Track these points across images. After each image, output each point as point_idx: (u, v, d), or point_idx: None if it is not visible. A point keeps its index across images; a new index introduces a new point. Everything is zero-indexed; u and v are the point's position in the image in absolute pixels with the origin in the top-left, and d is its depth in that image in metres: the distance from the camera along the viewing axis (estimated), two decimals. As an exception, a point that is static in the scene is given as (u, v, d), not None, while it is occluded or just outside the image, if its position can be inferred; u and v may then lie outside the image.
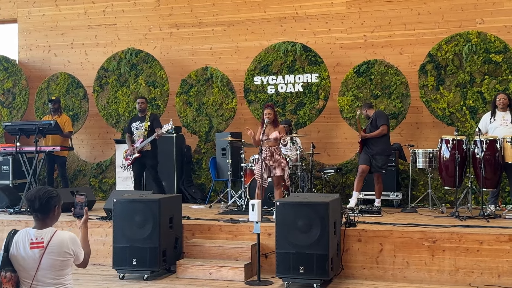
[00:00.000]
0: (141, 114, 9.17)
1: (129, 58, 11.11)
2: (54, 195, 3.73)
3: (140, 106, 9.15)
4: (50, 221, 3.74)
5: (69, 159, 10.92)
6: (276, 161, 7.67)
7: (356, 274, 6.70)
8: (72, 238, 3.72)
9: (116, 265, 6.84)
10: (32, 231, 3.66)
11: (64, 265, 3.68)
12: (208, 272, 6.75)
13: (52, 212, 3.73)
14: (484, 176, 7.56)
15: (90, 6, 11.93)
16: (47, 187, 3.82)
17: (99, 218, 7.90)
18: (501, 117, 8.13)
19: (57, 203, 3.77)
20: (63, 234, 3.70)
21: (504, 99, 8.14)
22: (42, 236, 3.63)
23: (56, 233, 3.67)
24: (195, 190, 10.51)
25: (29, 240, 3.63)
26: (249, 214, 6.46)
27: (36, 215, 3.69)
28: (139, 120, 9.13)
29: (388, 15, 10.23)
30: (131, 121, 9.27)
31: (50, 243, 3.62)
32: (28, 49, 12.41)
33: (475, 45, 9.25)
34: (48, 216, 3.71)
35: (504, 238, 6.29)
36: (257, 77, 10.42)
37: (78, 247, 3.74)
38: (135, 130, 9.09)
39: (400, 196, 9.17)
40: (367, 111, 8.67)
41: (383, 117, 8.44)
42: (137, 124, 9.09)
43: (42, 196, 3.66)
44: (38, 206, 3.66)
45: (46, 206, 3.68)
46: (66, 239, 3.68)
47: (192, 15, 11.32)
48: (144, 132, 8.99)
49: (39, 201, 3.65)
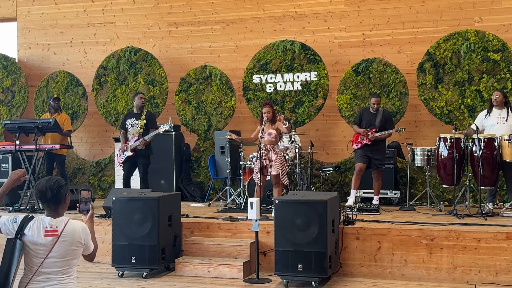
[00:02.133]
0: (137, 110, 8.86)
1: (128, 57, 11.13)
2: (63, 184, 3.79)
3: (142, 102, 8.86)
4: (62, 210, 3.80)
5: (68, 157, 10.93)
6: (272, 160, 7.61)
7: (354, 272, 6.72)
8: (83, 228, 3.79)
9: (115, 263, 6.86)
10: (47, 219, 3.71)
11: (74, 254, 3.73)
12: (207, 270, 6.77)
13: (64, 201, 3.78)
14: (482, 174, 7.58)
15: (89, 4, 11.94)
16: (54, 177, 3.86)
17: (98, 216, 7.90)
18: (497, 115, 8.14)
19: (67, 191, 3.83)
20: (76, 224, 3.76)
21: (498, 96, 8.17)
22: (57, 225, 3.69)
23: (69, 222, 3.74)
24: (194, 188, 10.53)
25: (44, 227, 3.68)
26: (248, 212, 6.48)
27: (48, 205, 3.74)
28: (134, 117, 8.84)
29: (386, 14, 10.25)
30: (126, 117, 9.00)
31: (63, 232, 3.67)
32: (27, 47, 12.42)
33: (474, 43, 9.27)
34: (61, 205, 3.77)
35: (502, 236, 6.31)
36: (256, 75, 10.44)
37: (88, 237, 3.81)
38: (129, 127, 8.81)
39: (399, 194, 9.20)
40: (379, 101, 8.71)
41: (392, 121, 8.68)
42: (132, 121, 8.81)
43: (53, 186, 3.71)
44: (50, 196, 3.71)
45: (57, 195, 3.73)
46: (78, 228, 3.74)
47: (191, 14, 11.33)
48: (139, 130, 8.72)
49: (51, 191, 3.70)
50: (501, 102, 8.15)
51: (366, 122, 8.64)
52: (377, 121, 8.55)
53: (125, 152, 8.75)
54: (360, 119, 8.74)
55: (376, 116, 8.59)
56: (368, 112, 8.72)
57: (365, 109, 8.89)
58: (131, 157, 8.73)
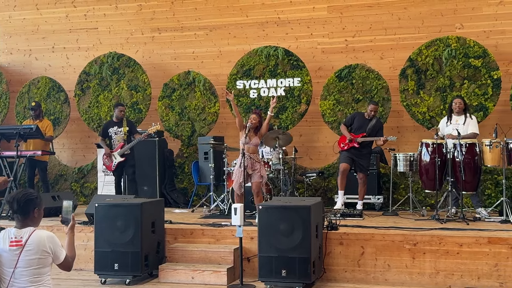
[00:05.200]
0: (117, 120, 9.27)
1: (111, 62, 11.08)
2: (32, 198, 3.82)
3: (122, 114, 9.28)
4: (31, 222, 3.82)
5: (50, 164, 10.84)
6: (256, 168, 7.75)
7: (338, 277, 6.73)
8: (49, 237, 3.80)
9: (97, 270, 6.80)
10: (12, 230, 3.77)
11: (41, 263, 3.74)
12: (190, 276, 6.74)
13: (31, 214, 3.82)
14: (463, 179, 7.65)
15: (72, 10, 11.87)
16: (27, 189, 3.93)
17: (80, 223, 7.84)
18: (455, 121, 8.31)
19: (37, 205, 3.85)
20: (41, 233, 3.78)
21: (460, 103, 8.32)
22: (21, 235, 3.73)
23: (34, 232, 3.77)
24: (178, 194, 10.49)
25: (9, 238, 3.73)
26: (232, 218, 6.47)
27: (16, 216, 3.81)
28: (116, 125, 9.22)
29: (369, 20, 10.32)
30: (107, 126, 9.32)
31: (28, 242, 3.71)
32: (8, 53, 12.31)
33: (455, 50, 9.37)
34: (28, 217, 3.81)
35: (484, 241, 6.36)
36: (239, 81, 10.45)
37: (57, 246, 3.82)
38: (113, 135, 9.18)
39: (382, 199, 9.24)
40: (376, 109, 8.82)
41: (383, 131, 8.72)
42: (115, 129, 9.18)
43: (20, 199, 3.77)
44: (16, 207, 3.77)
45: (24, 208, 3.78)
46: (43, 237, 3.76)
47: (174, 19, 11.31)
48: (124, 136, 9.13)
49: (17, 203, 3.77)
50: (461, 109, 8.31)
51: (357, 125, 8.75)
52: (369, 126, 8.67)
53: (114, 159, 9.06)
54: (351, 121, 8.85)
55: (369, 122, 8.68)
56: (361, 117, 8.82)
57: (358, 113, 9.02)
58: (120, 163, 9.06)
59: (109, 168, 9.21)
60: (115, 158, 9.08)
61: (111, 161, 9.13)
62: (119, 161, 9.07)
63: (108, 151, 9.11)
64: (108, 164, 9.18)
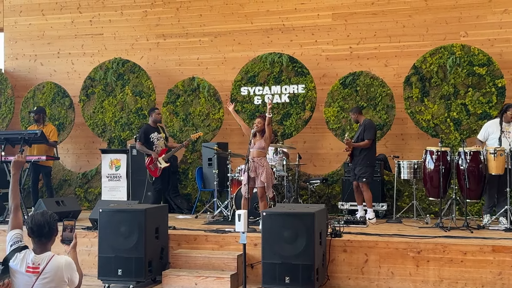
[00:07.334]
0: (154, 124, 9.36)
1: (116, 68, 11.11)
2: (57, 218, 3.77)
3: (160, 117, 9.53)
4: (51, 244, 3.75)
5: (54, 169, 10.86)
6: (259, 172, 7.68)
7: (342, 284, 6.73)
8: (68, 264, 3.71)
9: (101, 276, 6.80)
10: (31, 256, 3.66)
11: None
12: (194, 282, 6.74)
13: (56, 234, 3.75)
14: (468, 187, 7.64)
15: (77, 15, 11.93)
16: (47, 211, 3.81)
17: (84, 228, 7.86)
18: (505, 129, 7.99)
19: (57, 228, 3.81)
20: (60, 260, 3.69)
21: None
22: (39, 262, 3.64)
23: (53, 258, 3.67)
24: (181, 200, 10.49)
25: (26, 263, 3.63)
26: (235, 224, 6.45)
27: (40, 239, 3.69)
28: (155, 130, 9.33)
29: (373, 28, 10.33)
30: (148, 131, 9.30)
31: (45, 269, 3.62)
32: (14, 58, 12.36)
33: (459, 57, 9.37)
34: (51, 239, 3.73)
35: (488, 249, 6.35)
36: (243, 87, 10.47)
37: (73, 272, 3.74)
38: (155, 140, 9.23)
39: (385, 206, 9.22)
40: (357, 116, 8.80)
41: (370, 131, 8.58)
42: (156, 135, 9.27)
43: (50, 221, 3.68)
44: (47, 230, 3.66)
45: (52, 230, 3.70)
46: (61, 266, 3.67)
47: (179, 26, 11.35)
48: (165, 141, 9.38)
49: (48, 225, 3.67)
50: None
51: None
52: (357, 132, 8.76)
53: (159, 165, 9.17)
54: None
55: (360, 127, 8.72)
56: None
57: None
58: (165, 168, 9.27)
59: (155, 173, 9.22)
60: (160, 163, 9.15)
61: (156, 166, 9.17)
62: (165, 166, 9.17)
63: (156, 156, 9.16)
64: (153, 169, 9.20)
